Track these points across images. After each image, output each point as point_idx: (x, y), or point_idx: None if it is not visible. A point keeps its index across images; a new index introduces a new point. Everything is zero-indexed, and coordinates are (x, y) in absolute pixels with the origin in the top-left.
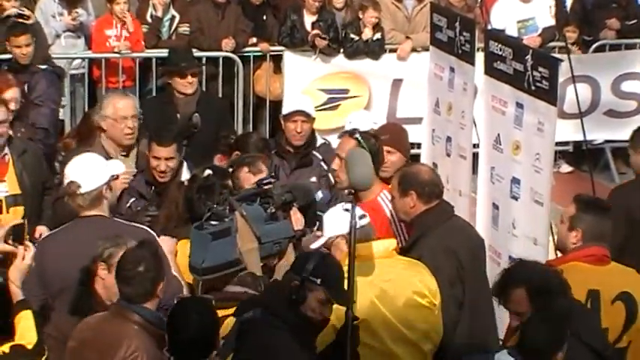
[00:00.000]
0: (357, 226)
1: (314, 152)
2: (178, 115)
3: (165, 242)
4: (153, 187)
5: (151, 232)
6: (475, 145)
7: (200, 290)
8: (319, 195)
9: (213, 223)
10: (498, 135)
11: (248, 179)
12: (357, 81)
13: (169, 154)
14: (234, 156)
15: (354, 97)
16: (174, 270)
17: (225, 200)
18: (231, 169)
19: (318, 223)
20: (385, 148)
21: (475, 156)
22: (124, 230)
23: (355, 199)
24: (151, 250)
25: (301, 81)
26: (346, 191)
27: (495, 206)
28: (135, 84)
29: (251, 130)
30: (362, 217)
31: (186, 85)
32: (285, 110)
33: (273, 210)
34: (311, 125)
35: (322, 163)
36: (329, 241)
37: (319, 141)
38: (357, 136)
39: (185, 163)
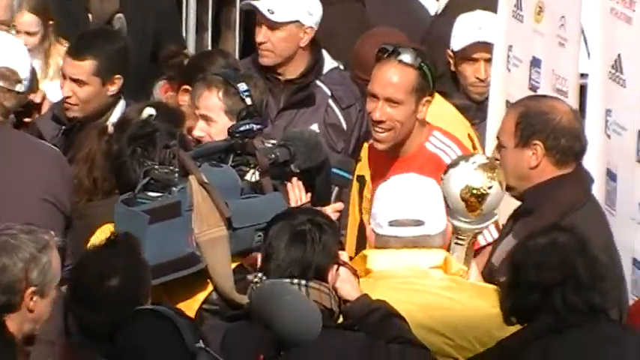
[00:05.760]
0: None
1: (317, 83)
2: (90, 17)
3: None
4: (63, 128)
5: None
6: (583, 75)
7: None
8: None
9: (152, 194)
10: (619, 57)
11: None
12: None
13: (79, 74)
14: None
15: None
16: None
17: (173, 158)
18: None
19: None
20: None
21: (583, 91)
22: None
23: (387, 154)
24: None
25: None
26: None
27: (611, 175)
28: None
29: (209, 43)
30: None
31: None
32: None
33: (256, 176)
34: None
35: (331, 102)
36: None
37: (328, 64)
38: (410, 59)
39: (123, 102)
